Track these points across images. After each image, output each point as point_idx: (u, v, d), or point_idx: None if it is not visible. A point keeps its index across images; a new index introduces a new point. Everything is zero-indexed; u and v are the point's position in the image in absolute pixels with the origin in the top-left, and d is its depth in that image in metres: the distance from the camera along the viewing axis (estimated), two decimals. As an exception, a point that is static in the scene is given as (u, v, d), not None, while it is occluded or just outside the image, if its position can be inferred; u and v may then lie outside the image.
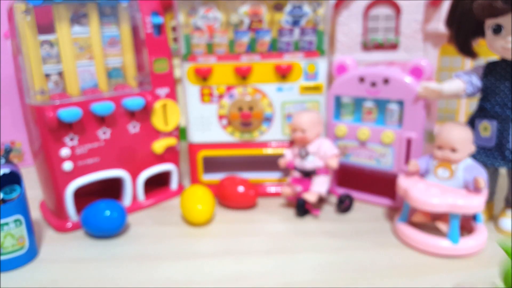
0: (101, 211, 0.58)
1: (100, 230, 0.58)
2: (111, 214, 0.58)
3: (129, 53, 0.65)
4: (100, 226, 0.58)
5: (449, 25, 0.59)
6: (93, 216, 0.59)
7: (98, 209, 0.58)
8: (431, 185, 0.55)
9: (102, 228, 0.58)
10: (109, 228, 0.58)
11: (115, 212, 0.58)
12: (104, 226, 0.58)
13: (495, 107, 0.56)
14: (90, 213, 0.59)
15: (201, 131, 0.71)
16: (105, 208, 0.58)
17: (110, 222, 0.58)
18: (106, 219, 0.58)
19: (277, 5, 0.68)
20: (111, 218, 0.58)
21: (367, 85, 0.64)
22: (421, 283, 0.48)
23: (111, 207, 0.59)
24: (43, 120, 0.56)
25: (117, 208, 0.59)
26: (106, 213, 0.58)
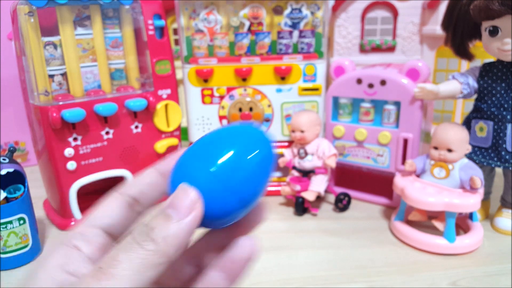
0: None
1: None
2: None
3: (131, 55, 0.66)
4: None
5: (446, 28, 0.60)
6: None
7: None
8: (427, 185, 0.56)
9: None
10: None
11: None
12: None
13: (491, 108, 0.57)
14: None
15: (202, 132, 0.72)
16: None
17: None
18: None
19: (276, 8, 0.69)
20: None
21: (364, 87, 0.65)
22: (417, 280, 0.49)
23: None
24: (47, 120, 0.57)
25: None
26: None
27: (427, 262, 0.52)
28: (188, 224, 0.17)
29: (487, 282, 0.48)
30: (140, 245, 0.16)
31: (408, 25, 0.86)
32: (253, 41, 0.69)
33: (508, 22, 0.52)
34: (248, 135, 0.21)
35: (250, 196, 0.20)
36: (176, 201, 0.18)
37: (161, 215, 0.17)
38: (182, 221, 0.17)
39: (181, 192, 0.18)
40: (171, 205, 0.18)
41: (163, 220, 0.17)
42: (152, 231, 0.17)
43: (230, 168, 0.19)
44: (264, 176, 0.20)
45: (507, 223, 0.58)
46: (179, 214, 0.17)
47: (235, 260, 0.21)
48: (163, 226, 0.17)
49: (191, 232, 0.18)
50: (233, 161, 0.19)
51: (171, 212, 0.17)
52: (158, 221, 0.17)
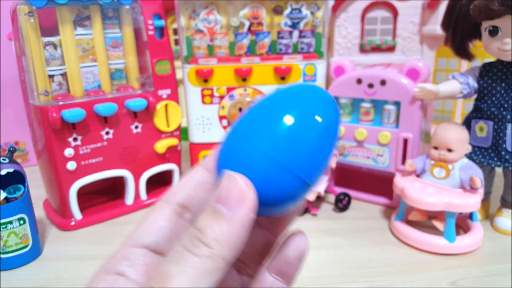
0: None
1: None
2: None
3: (131, 55, 0.66)
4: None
5: (446, 28, 0.60)
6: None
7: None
8: (427, 184, 0.56)
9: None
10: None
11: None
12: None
13: (491, 108, 0.57)
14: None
15: (202, 132, 0.72)
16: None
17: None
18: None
19: (276, 8, 0.69)
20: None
21: (364, 87, 0.65)
22: (417, 280, 0.49)
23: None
24: (47, 121, 0.57)
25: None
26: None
27: (427, 262, 0.52)
28: (242, 218, 0.15)
29: (487, 282, 0.48)
30: (192, 253, 0.14)
31: (408, 25, 0.86)
32: (253, 41, 0.69)
33: (508, 22, 0.52)
34: (307, 97, 0.17)
35: (312, 174, 0.16)
36: (224, 194, 0.15)
37: (209, 213, 0.15)
38: (234, 216, 0.15)
39: (228, 182, 0.16)
40: (219, 199, 0.15)
41: (213, 219, 0.15)
42: (202, 234, 0.15)
43: (287, 144, 0.16)
44: (328, 150, 0.17)
45: (507, 223, 0.58)
46: (230, 209, 0.15)
47: (291, 261, 0.19)
48: (213, 225, 0.15)
49: (247, 227, 0.15)
50: (291, 134, 0.16)
51: (220, 208, 0.15)
52: (207, 221, 0.15)
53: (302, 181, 0.16)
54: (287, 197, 0.16)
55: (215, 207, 0.15)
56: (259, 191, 0.16)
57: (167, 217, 0.18)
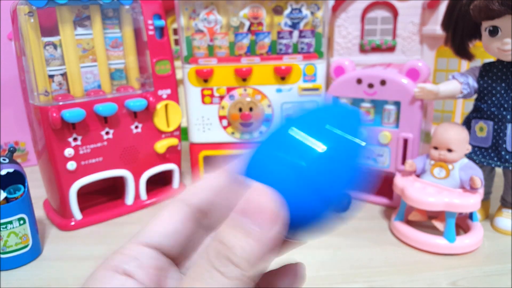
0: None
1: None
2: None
3: (131, 55, 0.66)
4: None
5: (446, 28, 0.60)
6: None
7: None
8: (427, 185, 0.56)
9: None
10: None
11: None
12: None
13: (491, 108, 0.57)
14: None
15: (202, 132, 0.72)
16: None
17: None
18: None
19: (276, 8, 0.69)
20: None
21: (364, 87, 0.65)
22: (417, 280, 0.49)
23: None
24: (47, 121, 0.57)
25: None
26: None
27: (427, 262, 0.52)
28: (273, 239, 0.13)
29: (487, 282, 0.48)
30: (221, 273, 0.13)
31: (408, 25, 0.86)
32: (253, 41, 0.69)
33: (508, 22, 0.52)
34: (348, 120, 0.16)
35: (345, 203, 0.15)
36: (255, 208, 0.14)
37: (237, 228, 0.14)
38: (266, 235, 0.13)
39: (259, 196, 0.14)
40: (248, 212, 0.14)
41: (242, 235, 0.13)
42: (231, 252, 0.13)
43: (326, 164, 0.14)
44: (363, 173, 0.15)
45: (507, 223, 0.58)
46: (261, 226, 0.13)
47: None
48: (243, 244, 0.13)
49: (277, 248, 0.14)
50: (331, 154, 0.14)
51: (250, 225, 0.13)
52: (236, 237, 0.13)
53: (335, 208, 0.15)
54: (315, 223, 0.15)
55: (244, 222, 0.14)
56: (290, 211, 0.14)
57: (184, 220, 0.16)
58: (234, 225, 0.14)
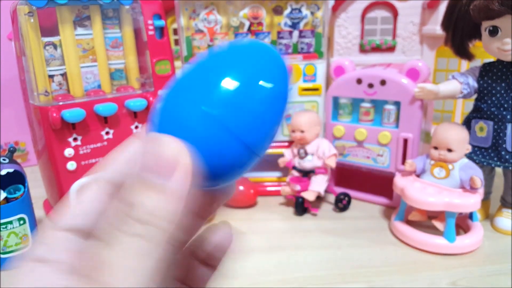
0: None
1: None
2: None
3: (131, 55, 0.66)
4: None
5: (446, 28, 0.60)
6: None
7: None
8: (427, 184, 0.56)
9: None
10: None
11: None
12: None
13: (491, 108, 0.57)
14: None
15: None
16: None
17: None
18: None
19: (276, 8, 0.69)
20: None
21: (364, 87, 0.65)
22: (417, 280, 0.49)
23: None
24: (47, 121, 0.57)
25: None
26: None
27: (427, 262, 0.52)
28: (177, 187, 0.13)
29: (487, 282, 0.48)
30: (125, 232, 0.12)
31: (408, 25, 0.86)
32: (253, 41, 0.69)
33: (508, 22, 0.52)
34: (258, 58, 0.15)
35: (258, 141, 0.15)
36: (150, 159, 0.13)
37: (137, 184, 0.13)
38: (168, 185, 0.13)
39: (155, 146, 0.13)
40: (146, 166, 0.13)
41: (147, 192, 0.12)
42: (132, 210, 0.12)
43: (231, 106, 0.13)
44: (274, 118, 0.15)
45: (507, 223, 0.58)
46: (161, 176, 0.13)
47: (216, 249, 0.18)
48: (144, 197, 0.12)
49: (184, 197, 0.13)
50: (236, 96, 0.14)
51: (149, 177, 0.13)
52: (136, 193, 0.13)
53: (247, 147, 0.14)
54: (230, 164, 0.14)
55: (143, 176, 0.13)
56: (197, 157, 0.13)
57: (99, 197, 0.15)
58: (133, 182, 0.13)
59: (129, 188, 0.13)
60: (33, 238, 0.14)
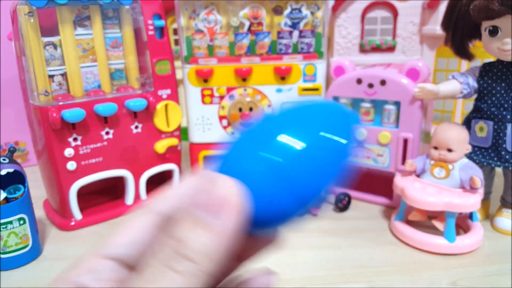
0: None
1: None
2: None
3: (131, 55, 0.66)
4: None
5: (446, 28, 0.60)
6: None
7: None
8: (427, 184, 0.56)
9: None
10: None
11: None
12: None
13: (491, 108, 0.57)
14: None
15: (202, 132, 0.72)
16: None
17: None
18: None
19: (276, 8, 0.69)
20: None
21: (364, 87, 0.65)
22: (417, 280, 0.49)
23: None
24: (47, 121, 0.57)
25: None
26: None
27: (427, 262, 0.52)
28: (229, 228, 0.13)
29: (487, 282, 0.48)
30: (173, 269, 0.12)
31: (408, 25, 0.86)
32: (253, 41, 0.69)
33: (508, 22, 0.52)
34: (323, 113, 0.15)
35: (312, 196, 0.14)
36: (207, 198, 0.13)
37: (189, 221, 0.13)
38: (220, 225, 0.13)
39: (211, 185, 0.13)
40: (200, 204, 0.13)
41: (195, 228, 0.12)
42: (184, 247, 0.12)
43: (290, 154, 0.13)
44: (335, 172, 0.15)
45: (507, 223, 0.58)
46: (215, 216, 0.13)
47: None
48: (196, 236, 0.12)
49: (232, 237, 0.13)
50: (297, 145, 0.14)
51: (201, 215, 0.13)
52: (188, 231, 0.13)
53: (299, 199, 0.14)
54: (279, 213, 0.14)
55: (197, 214, 0.13)
56: (249, 200, 0.13)
57: (151, 229, 0.15)
58: (189, 219, 0.13)
59: (178, 223, 0.13)
60: (77, 261, 0.14)
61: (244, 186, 0.13)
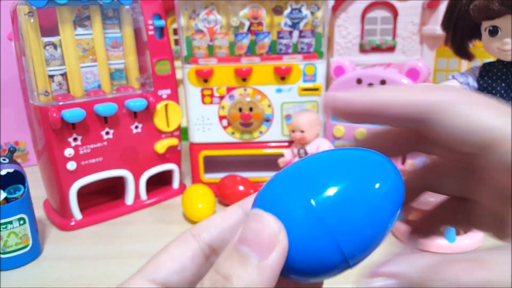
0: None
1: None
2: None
3: (131, 55, 0.66)
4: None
5: (446, 28, 0.60)
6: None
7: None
8: (427, 184, 0.56)
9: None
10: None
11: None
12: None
13: (491, 108, 0.57)
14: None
15: (202, 132, 0.73)
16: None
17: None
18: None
19: (276, 8, 0.69)
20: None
21: (364, 86, 0.65)
22: (417, 279, 0.49)
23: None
24: (47, 121, 0.57)
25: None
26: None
27: (427, 262, 0.52)
28: (272, 265, 0.13)
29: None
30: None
31: (408, 25, 0.86)
32: (253, 41, 0.69)
33: (508, 22, 0.52)
34: (368, 163, 0.15)
35: (356, 253, 0.14)
36: (252, 235, 0.13)
37: (234, 257, 0.13)
38: (264, 262, 0.13)
39: (256, 222, 0.13)
40: (245, 240, 0.13)
41: (239, 264, 0.13)
42: (228, 281, 0.12)
43: (340, 209, 0.13)
44: (382, 228, 0.14)
45: (507, 223, 0.58)
46: (259, 253, 0.13)
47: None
48: (241, 272, 0.12)
49: (276, 275, 0.13)
50: (347, 200, 0.13)
51: (247, 251, 0.13)
52: (232, 266, 0.13)
53: (343, 256, 0.14)
54: (317, 264, 0.14)
55: (241, 250, 0.13)
56: (293, 250, 0.13)
57: (193, 256, 0.15)
58: (230, 254, 0.13)
59: (226, 259, 0.13)
60: (123, 283, 0.14)
61: (278, 220, 0.13)
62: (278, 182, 0.15)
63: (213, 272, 0.13)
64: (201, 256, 0.15)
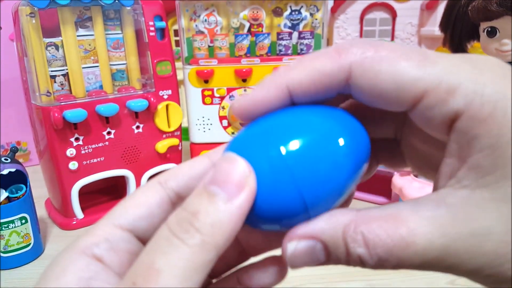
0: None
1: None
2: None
3: (133, 56, 0.66)
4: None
5: (444, 29, 0.61)
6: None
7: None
8: (426, 184, 0.57)
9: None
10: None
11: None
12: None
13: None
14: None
15: (202, 132, 0.73)
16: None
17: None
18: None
19: (276, 10, 0.69)
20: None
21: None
22: (416, 279, 0.49)
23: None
24: (48, 121, 0.57)
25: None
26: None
27: (425, 261, 0.52)
28: (241, 205, 0.13)
29: (485, 281, 0.48)
30: (182, 241, 0.12)
31: (406, 26, 0.87)
32: (253, 42, 0.70)
33: (507, 23, 0.52)
34: (338, 119, 0.15)
35: (317, 203, 0.14)
36: (221, 175, 0.13)
37: (203, 194, 0.13)
38: (232, 201, 0.13)
39: (228, 163, 0.13)
40: (215, 180, 0.13)
41: (208, 201, 0.13)
42: (195, 218, 0.12)
43: (303, 154, 0.14)
44: (347, 176, 0.14)
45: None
46: (228, 192, 0.13)
47: (258, 283, 0.17)
48: (209, 209, 0.12)
49: (243, 217, 0.13)
50: (311, 146, 0.14)
51: (216, 190, 0.13)
52: (201, 203, 0.13)
53: (304, 204, 0.14)
54: (279, 210, 0.14)
55: (211, 189, 0.13)
56: (259, 198, 0.14)
57: (160, 203, 0.15)
58: (200, 192, 0.13)
59: (195, 197, 0.13)
60: (90, 229, 0.15)
61: (248, 162, 0.14)
62: (250, 131, 0.15)
63: (180, 209, 0.13)
64: (168, 203, 0.15)
